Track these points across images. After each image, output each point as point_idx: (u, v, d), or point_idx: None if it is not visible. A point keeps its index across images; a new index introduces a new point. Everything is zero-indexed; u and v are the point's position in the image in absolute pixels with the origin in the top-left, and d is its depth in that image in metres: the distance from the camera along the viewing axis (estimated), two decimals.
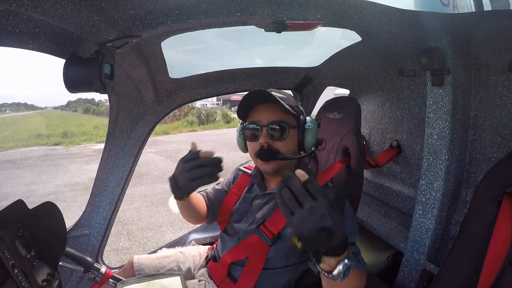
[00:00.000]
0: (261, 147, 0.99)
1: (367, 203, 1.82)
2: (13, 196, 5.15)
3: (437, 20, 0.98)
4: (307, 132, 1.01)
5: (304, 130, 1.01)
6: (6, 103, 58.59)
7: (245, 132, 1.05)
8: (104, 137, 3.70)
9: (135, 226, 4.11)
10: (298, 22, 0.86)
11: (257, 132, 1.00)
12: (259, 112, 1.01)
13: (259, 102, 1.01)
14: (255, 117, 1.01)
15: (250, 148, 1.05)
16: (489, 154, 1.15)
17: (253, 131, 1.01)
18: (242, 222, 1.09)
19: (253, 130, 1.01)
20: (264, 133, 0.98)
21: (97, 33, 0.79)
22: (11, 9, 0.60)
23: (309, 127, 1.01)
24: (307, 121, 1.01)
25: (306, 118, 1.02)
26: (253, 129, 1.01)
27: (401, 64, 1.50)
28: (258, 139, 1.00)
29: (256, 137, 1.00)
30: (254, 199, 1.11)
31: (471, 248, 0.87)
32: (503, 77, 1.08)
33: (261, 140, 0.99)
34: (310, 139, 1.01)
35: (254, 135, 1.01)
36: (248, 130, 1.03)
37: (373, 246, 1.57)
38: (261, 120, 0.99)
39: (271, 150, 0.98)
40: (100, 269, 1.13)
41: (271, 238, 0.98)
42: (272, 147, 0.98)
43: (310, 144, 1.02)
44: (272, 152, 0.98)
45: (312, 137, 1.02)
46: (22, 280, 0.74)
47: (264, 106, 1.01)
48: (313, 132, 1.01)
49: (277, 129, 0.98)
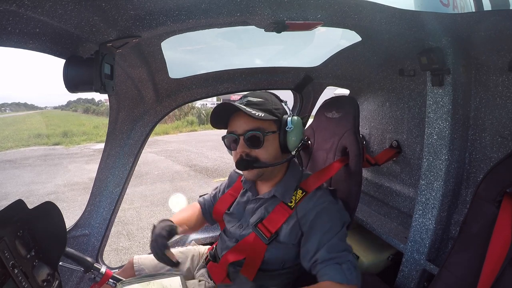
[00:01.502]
0: (240, 156, 1.00)
1: (367, 203, 1.82)
2: (13, 196, 5.15)
3: (437, 20, 0.98)
4: (289, 134, 1.00)
5: (286, 133, 1.00)
6: (6, 103, 58.57)
7: (224, 142, 1.06)
8: (104, 137, 3.70)
9: (135, 226, 4.11)
10: (298, 22, 0.85)
11: (235, 141, 1.01)
12: (234, 121, 1.02)
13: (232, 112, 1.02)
14: (232, 126, 1.02)
15: (233, 157, 1.05)
16: (489, 154, 1.15)
17: (231, 140, 1.03)
18: (237, 227, 1.09)
19: (231, 140, 1.03)
20: (241, 142, 0.99)
21: (97, 33, 0.79)
22: (11, 9, 0.60)
23: (290, 129, 0.99)
24: (288, 123, 1.00)
25: (288, 120, 1.00)
26: (231, 139, 1.02)
27: (401, 64, 1.50)
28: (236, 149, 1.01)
29: (234, 146, 1.02)
30: (247, 204, 1.12)
31: (471, 248, 0.87)
32: (503, 77, 1.08)
33: (238, 150, 1.00)
34: (294, 140, 1.00)
35: (233, 145, 1.03)
36: (226, 140, 1.04)
37: (373, 246, 1.57)
38: (237, 130, 1.00)
39: (249, 159, 0.99)
40: (100, 269, 1.13)
41: (268, 236, 0.99)
42: (250, 156, 0.99)
43: (294, 145, 1.01)
44: (249, 161, 0.99)
45: (296, 138, 1.00)
46: (22, 280, 0.74)
47: (238, 115, 1.01)
48: (295, 133, 1.00)
49: (252, 138, 0.98)
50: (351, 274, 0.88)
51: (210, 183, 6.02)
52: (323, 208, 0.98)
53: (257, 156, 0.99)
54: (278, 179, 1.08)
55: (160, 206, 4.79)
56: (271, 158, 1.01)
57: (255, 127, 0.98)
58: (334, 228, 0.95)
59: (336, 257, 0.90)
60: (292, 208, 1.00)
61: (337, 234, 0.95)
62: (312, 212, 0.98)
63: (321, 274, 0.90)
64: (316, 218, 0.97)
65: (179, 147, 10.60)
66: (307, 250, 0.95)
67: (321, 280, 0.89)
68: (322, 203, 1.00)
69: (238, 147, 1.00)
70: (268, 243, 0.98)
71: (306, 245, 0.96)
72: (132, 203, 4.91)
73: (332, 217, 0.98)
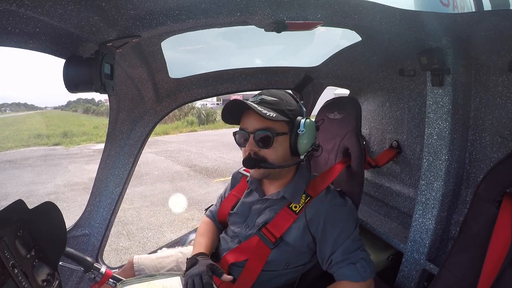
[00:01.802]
0: (248, 154, 0.99)
1: (367, 203, 1.82)
2: (13, 196, 5.15)
3: (437, 20, 0.98)
4: (300, 137, 0.98)
5: (297, 135, 0.98)
6: (6, 103, 58.51)
7: (235, 138, 1.05)
8: (104, 137, 3.71)
9: (135, 226, 4.11)
10: (298, 22, 0.85)
11: (245, 139, 1.00)
12: (246, 118, 1.01)
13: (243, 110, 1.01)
14: (244, 123, 1.02)
15: (242, 153, 1.05)
16: (489, 154, 1.14)
17: (242, 137, 1.02)
18: (243, 227, 1.08)
19: (241, 137, 1.02)
20: (250, 140, 0.99)
21: (97, 33, 0.79)
22: (11, 9, 0.60)
23: (302, 132, 0.97)
24: (300, 126, 0.97)
25: (301, 122, 0.98)
26: (241, 135, 1.02)
27: (401, 64, 1.50)
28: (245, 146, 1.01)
29: (244, 143, 1.01)
30: (253, 204, 1.11)
31: (471, 248, 0.87)
32: (503, 77, 1.08)
33: (247, 148, 0.99)
34: (305, 144, 0.98)
35: (242, 142, 1.02)
36: (236, 136, 1.04)
37: (373, 246, 1.57)
38: (248, 128, 0.99)
39: (256, 158, 0.98)
40: (100, 269, 1.13)
41: (273, 241, 0.98)
42: (258, 155, 0.98)
43: (305, 149, 0.99)
44: (257, 160, 0.98)
45: (307, 141, 0.98)
46: (22, 280, 0.74)
47: (250, 113, 0.99)
48: (307, 137, 0.98)
49: (261, 138, 0.97)
50: (365, 272, 0.93)
51: (210, 183, 6.02)
52: (334, 211, 0.99)
53: (265, 156, 0.98)
54: (287, 180, 1.07)
55: (160, 206, 4.79)
56: (279, 160, 0.99)
57: (266, 127, 0.97)
58: (346, 231, 0.97)
59: (350, 257, 0.94)
60: (297, 213, 1.00)
61: (349, 236, 0.97)
62: (323, 215, 0.98)
63: (337, 274, 0.95)
64: (327, 221, 0.98)
65: (179, 147, 10.60)
66: (323, 254, 0.98)
67: (338, 279, 0.95)
68: (333, 205, 1.00)
69: (247, 144, 0.99)
70: (273, 247, 0.98)
71: (321, 249, 0.98)
72: (132, 203, 4.91)
73: (343, 219, 0.99)
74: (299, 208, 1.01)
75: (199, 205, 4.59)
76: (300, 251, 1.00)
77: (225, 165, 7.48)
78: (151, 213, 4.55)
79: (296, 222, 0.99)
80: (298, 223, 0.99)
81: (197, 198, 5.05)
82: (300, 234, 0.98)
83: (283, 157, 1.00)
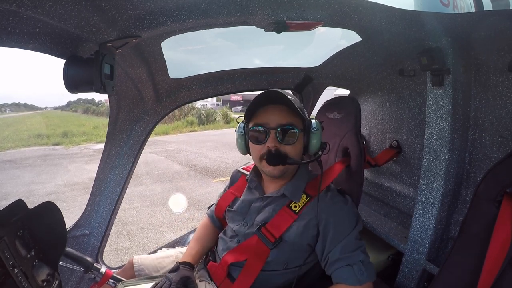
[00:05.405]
0: (268, 151, 0.96)
1: (367, 203, 1.82)
2: (13, 196, 5.15)
3: (437, 20, 0.98)
4: (313, 135, 0.99)
5: (310, 133, 0.99)
6: (6, 103, 58.43)
7: (250, 134, 1.02)
8: (104, 137, 3.70)
9: (135, 226, 4.11)
10: (298, 22, 0.85)
11: (264, 135, 0.97)
12: (266, 113, 0.98)
13: (269, 103, 0.99)
14: (263, 119, 0.98)
15: (254, 151, 1.02)
16: (489, 154, 1.14)
17: (260, 133, 0.98)
18: (241, 225, 1.08)
19: (259, 133, 0.99)
20: (272, 136, 0.96)
21: (97, 33, 0.79)
22: (11, 9, 0.60)
23: (315, 131, 0.99)
24: (312, 124, 1.00)
25: (312, 121, 1.01)
26: (259, 132, 0.98)
27: (401, 64, 1.50)
28: (264, 142, 0.98)
29: (262, 140, 0.98)
30: (252, 202, 1.10)
31: (471, 248, 0.87)
32: (503, 77, 1.08)
33: (269, 144, 0.96)
34: (315, 143, 1.00)
35: (260, 138, 0.99)
36: (253, 132, 1.00)
37: (373, 246, 1.57)
38: (269, 123, 0.97)
39: (280, 155, 0.96)
40: (100, 269, 1.13)
41: (272, 241, 0.98)
42: (280, 151, 0.96)
43: (315, 148, 1.01)
44: (281, 157, 0.96)
45: (317, 140, 1.00)
46: (22, 280, 0.74)
47: (272, 108, 0.98)
48: (318, 136, 1.00)
49: (287, 133, 0.96)
50: (362, 275, 0.91)
51: (210, 183, 6.02)
52: (335, 209, 0.99)
53: (287, 152, 0.97)
54: (287, 179, 1.07)
55: (160, 206, 4.79)
56: (298, 156, 1.00)
57: (291, 123, 0.96)
58: (346, 229, 0.97)
59: (348, 257, 0.93)
60: (297, 212, 1.00)
61: (350, 233, 0.96)
62: (324, 214, 0.98)
63: (334, 276, 0.94)
64: (328, 219, 0.97)
65: (179, 147, 10.61)
66: (322, 251, 0.97)
67: (335, 282, 0.94)
68: (334, 204, 1.00)
69: (268, 140, 0.97)
70: (272, 248, 0.98)
71: (320, 246, 0.98)
72: (132, 203, 4.91)
73: (344, 217, 0.99)
74: (299, 207, 1.01)
75: (199, 205, 4.60)
76: (299, 250, 1.00)
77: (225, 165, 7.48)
78: (151, 213, 4.55)
79: (296, 221, 0.99)
80: (298, 222, 0.99)
81: (197, 198, 5.05)
82: (300, 232, 0.98)
83: (300, 154, 1.01)
